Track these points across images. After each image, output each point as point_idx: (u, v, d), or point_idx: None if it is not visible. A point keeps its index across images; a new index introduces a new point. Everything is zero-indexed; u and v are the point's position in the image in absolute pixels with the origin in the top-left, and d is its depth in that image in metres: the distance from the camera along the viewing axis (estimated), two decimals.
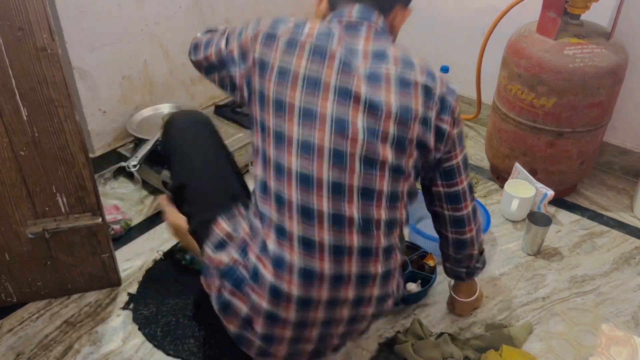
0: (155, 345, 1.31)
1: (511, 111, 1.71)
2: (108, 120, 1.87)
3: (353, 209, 0.96)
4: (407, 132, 0.98)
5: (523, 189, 1.69)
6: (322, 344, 1.06)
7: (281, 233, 0.96)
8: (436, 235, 1.22)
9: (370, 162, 0.96)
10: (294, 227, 0.95)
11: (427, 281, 1.44)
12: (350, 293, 1.00)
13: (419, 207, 1.70)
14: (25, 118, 1.18)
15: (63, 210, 1.32)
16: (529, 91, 1.63)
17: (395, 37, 1.10)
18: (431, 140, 1.02)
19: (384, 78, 0.97)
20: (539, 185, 1.69)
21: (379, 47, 1.00)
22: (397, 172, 0.99)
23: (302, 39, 0.98)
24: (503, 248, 1.63)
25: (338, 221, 0.96)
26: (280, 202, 0.96)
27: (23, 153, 1.22)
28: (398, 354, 1.29)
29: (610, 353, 1.31)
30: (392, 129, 0.96)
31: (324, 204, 0.95)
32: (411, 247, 1.55)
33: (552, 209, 1.78)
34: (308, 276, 0.96)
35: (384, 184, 0.98)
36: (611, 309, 1.43)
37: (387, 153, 0.97)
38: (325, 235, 0.96)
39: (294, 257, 0.95)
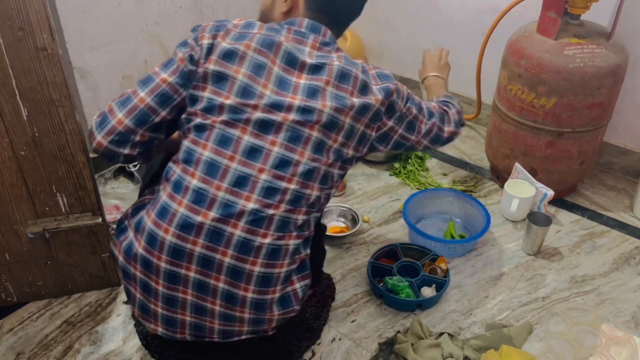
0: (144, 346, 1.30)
1: (511, 111, 1.71)
2: None
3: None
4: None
5: (523, 189, 1.69)
6: (200, 314, 1.06)
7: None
8: (436, 235, 1.20)
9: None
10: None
11: (441, 285, 1.44)
12: (226, 257, 1.02)
13: (419, 207, 1.71)
14: (25, 118, 1.18)
15: (63, 210, 1.32)
16: (529, 91, 1.63)
17: None
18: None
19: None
20: (539, 185, 1.69)
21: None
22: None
23: (254, 30, 1.07)
24: (503, 248, 1.63)
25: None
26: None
27: (23, 153, 1.22)
28: (398, 354, 1.29)
29: (610, 353, 1.31)
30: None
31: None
32: (421, 251, 1.53)
33: (552, 209, 1.78)
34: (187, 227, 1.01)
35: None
36: (611, 309, 1.43)
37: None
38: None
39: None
